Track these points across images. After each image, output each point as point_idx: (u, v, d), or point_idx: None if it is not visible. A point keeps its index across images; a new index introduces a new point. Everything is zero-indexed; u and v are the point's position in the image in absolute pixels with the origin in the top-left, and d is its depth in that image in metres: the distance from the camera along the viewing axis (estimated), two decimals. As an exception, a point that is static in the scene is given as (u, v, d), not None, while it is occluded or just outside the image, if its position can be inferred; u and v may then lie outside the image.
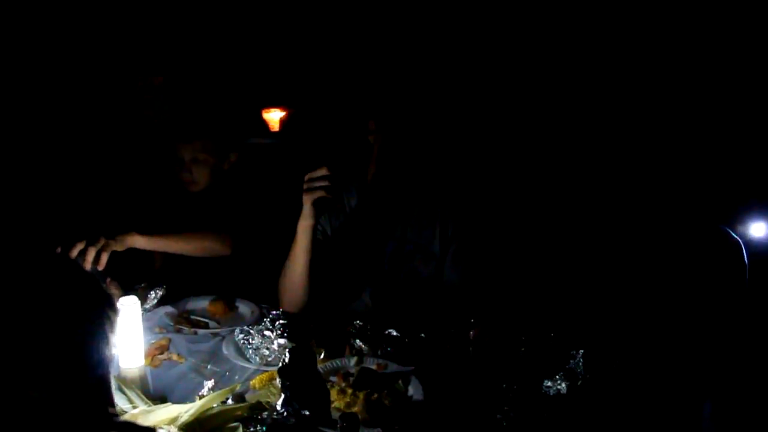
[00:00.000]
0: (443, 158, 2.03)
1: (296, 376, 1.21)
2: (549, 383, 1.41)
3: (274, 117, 3.66)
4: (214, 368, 1.50)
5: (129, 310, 1.35)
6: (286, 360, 1.22)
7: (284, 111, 3.66)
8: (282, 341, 1.50)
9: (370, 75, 3.26)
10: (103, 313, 0.65)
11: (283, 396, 1.21)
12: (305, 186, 1.64)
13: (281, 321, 1.52)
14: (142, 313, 1.48)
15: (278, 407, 1.22)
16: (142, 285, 1.86)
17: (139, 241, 1.83)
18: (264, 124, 3.67)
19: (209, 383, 1.35)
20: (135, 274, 2.08)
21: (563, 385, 1.40)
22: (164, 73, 2.55)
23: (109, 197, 2.31)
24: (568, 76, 3.14)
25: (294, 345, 1.40)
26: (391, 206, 1.93)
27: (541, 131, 3.11)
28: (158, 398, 1.35)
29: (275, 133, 3.66)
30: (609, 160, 2.70)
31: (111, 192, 2.38)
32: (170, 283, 1.85)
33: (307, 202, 1.66)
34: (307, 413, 1.19)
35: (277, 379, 1.27)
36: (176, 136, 2.13)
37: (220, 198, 2.20)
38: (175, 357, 1.54)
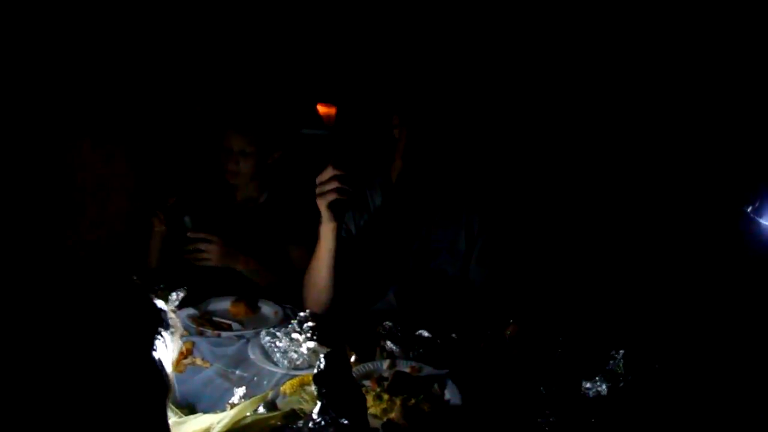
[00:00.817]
0: (469, 154, 1.98)
1: (333, 383, 1.16)
2: (588, 385, 1.36)
3: (328, 112, 3.65)
4: (242, 373, 1.44)
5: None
6: (322, 366, 1.17)
7: (333, 107, 3.64)
8: (311, 344, 1.44)
9: (394, 70, 3.21)
10: (154, 330, 0.61)
11: (319, 404, 1.16)
12: (316, 190, 1.59)
13: (309, 323, 1.47)
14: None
15: (314, 416, 1.16)
16: (161, 286, 1.80)
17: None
18: (320, 118, 3.66)
19: (240, 391, 1.30)
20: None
21: (603, 386, 1.36)
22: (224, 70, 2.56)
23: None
24: (595, 73, 3.06)
25: (329, 350, 1.36)
26: (416, 204, 1.88)
27: (572, 127, 3.04)
28: (186, 407, 1.29)
29: (330, 126, 3.64)
30: (655, 158, 2.62)
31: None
32: (189, 284, 1.79)
33: (321, 206, 1.61)
34: (346, 422, 1.14)
35: (311, 385, 1.22)
36: (230, 126, 2.13)
37: (270, 216, 2.22)
38: (199, 362, 1.49)
